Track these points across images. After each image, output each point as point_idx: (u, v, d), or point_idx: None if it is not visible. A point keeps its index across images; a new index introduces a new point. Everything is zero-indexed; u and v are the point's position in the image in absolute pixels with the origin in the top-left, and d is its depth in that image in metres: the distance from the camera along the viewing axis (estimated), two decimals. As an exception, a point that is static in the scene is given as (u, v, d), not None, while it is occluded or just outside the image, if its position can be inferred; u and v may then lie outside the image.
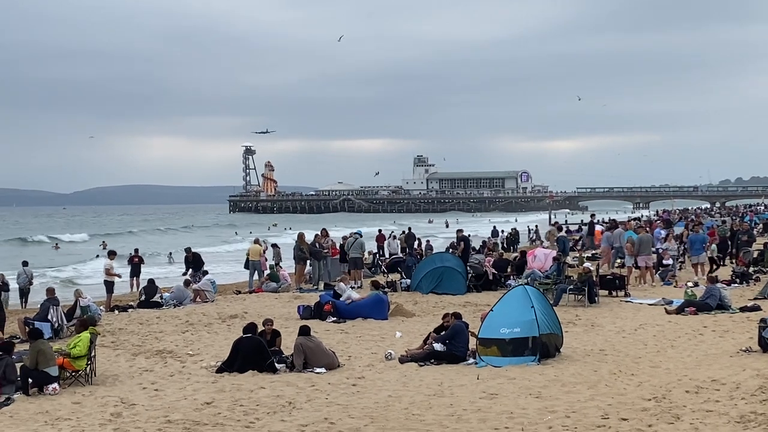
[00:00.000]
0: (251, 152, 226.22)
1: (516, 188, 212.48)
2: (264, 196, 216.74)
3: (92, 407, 12.38)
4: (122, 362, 16.09)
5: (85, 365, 14.31)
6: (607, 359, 15.26)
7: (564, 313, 19.72)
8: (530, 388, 12.84)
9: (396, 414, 11.55)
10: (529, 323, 14.96)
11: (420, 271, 27.43)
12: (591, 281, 23.18)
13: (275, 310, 22.65)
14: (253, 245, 32.33)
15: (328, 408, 11.99)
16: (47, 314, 19.55)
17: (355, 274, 29.25)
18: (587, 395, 12.34)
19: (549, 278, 25.18)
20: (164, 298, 25.35)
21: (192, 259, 30.63)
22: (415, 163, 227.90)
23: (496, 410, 11.54)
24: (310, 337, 15.30)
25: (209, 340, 18.40)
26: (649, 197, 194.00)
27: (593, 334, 18.22)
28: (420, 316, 21.65)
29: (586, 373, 13.95)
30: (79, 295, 21.63)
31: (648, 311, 21.55)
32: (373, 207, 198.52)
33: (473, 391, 12.77)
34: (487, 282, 27.44)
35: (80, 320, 16.56)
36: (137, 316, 22.78)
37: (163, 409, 12.16)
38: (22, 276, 28.99)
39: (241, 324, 18.83)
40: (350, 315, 21.13)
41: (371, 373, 14.56)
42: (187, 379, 14.29)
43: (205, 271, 29.56)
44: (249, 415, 11.69)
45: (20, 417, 11.94)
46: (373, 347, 17.13)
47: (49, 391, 13.38)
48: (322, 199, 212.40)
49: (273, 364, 14.74)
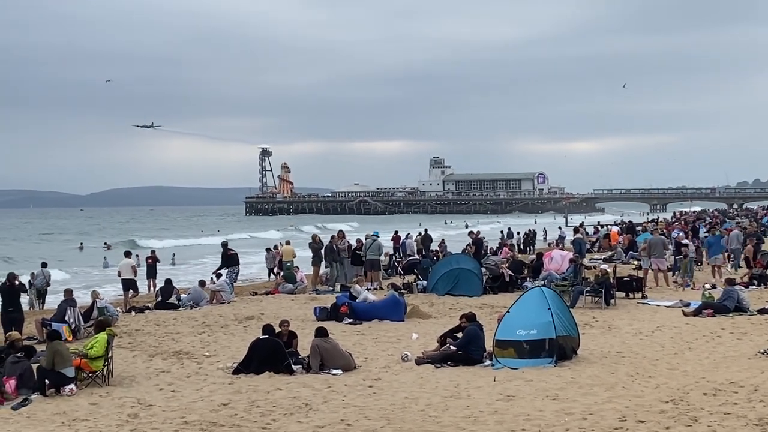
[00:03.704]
0: (268, 154, 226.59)
1: (532, 190, 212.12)
2: (280, 198, 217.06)
3: (109, 408, 12.43)
4: (139, 363, 16.14)
5: (102, 366, 14.37)
6: (624, 361, 15.18)
7: (581, 315, 19.65)
8: (547, 390, 12.79)
9: (412, 415, 11.53)
10: (545, 325, 14.90)
11: (436, 273, 27.40)
12: (608, 283, 23.10)
13: (291, 311, 22.66)
14: (286, 246, 32.42)
15: (344, 409, 11.99)
16: (64, 315, 19.65)
17: (373, 275, 29.24)
18: (604, 397, 12.29)
19: (566, 280, 25.11)
20: (181, 299, 25.43)
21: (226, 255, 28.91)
22: (432, 164, 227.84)
23: (513, 412, 11.50)
24: (327, 339, 15.29)
25: (226, 342, 18.43)
26: (666, 199, 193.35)
27: (610, 336, 18.15)
28: (436, 317, 21.62)
29: (604, 375, 13.89)
30: (96, 296, 21.73)
31: (665, 313, 21.46)
32: (389, 208, 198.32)
33: (490, 393, 12.74)
34: (504, 284, 27.39)
35: (97, 321, 16.63)
36: (154, 317, 22.85)
37: (179, 410, 12.19)
38: (39, 277, 29.12)
39: (258, 325, 18.91)
40: (366, 316, 21.11)
41: (388, 374, 14.55)
42: (204, 380, 14.32)
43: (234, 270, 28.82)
44: (265, 417, 11.70)
45: (37, 418, 12.00)
46: (389, 349, 17.12)
47: (66, 392, 13.44)
48: (338, 201, 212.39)
49: (290, 366, 14.75)
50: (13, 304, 19.77)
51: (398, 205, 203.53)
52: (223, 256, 28.71)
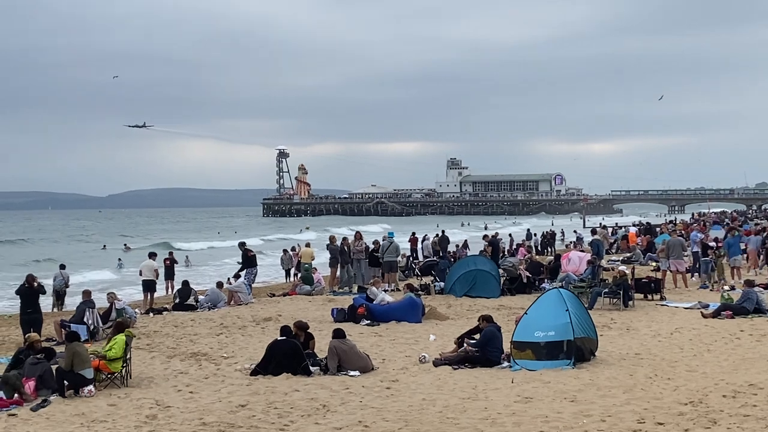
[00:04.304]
0: (285, 155, 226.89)
1: (550, 191, 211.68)
2: (297, 199, 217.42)
3: (128, 409, 12.47)
4: (157, 364, 16.19)
5: (121, 367, 14.42)
6: (642, 363, 15.12)
7: (599, 317, 19.59)
8: (565, 392, 12.75)
9: (430, 417, 11.52)
10: (563, 326, 14.86)
11: (453, 274, 27.37)
12: (626, 285, 23.01)
13: (309, 312, 22.68)
14: (305, 248, 32.50)
15: (362, 411, 11.99)
16: (83, 316, 19.74)
17: (390, 277, 29.22)
18: (623, 399, 12.24)
19: (584, 281, 25.05)
20: (199, 301, 25.50)
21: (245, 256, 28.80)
22: (449, 165, 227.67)
23: (530, 414, 11.48)
24: (344, 340, 15.30)
25: (243, 343, 18.46)
26: (684, 200, 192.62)
27: (628, 337, 18.09)
28: (454, 319, 21.59)
29: (622, 377, 13.84)
30: (114, 298, 21.81)
31: (684, 315, 21.36)
32: (407, 210, 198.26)
33: (508, 395, 12.71)
34: (521, 285, 27.34)
35: (116, 323, 16.69)
36: (172, 318, 22.92)
37: (197, 411, 12.22)
38: (58, 278, 29.35)
39: (275, 327, 18.95)
40: (384, 318, 21.10)
41: (405, 376, 14.54)
42: (222, 382, 14.35)
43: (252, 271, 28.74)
44: (283, 418, 11.72)
45: (56, 419, 12.05)
46: (407, 350, 17.11)
47: (85, 393, 13.49)
48: (355, 202, 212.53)
49: (307, 367, 14.75)
50: (32, 305, 19.84)
51: (415, 207, 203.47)
52: (243, 256, 28.71)
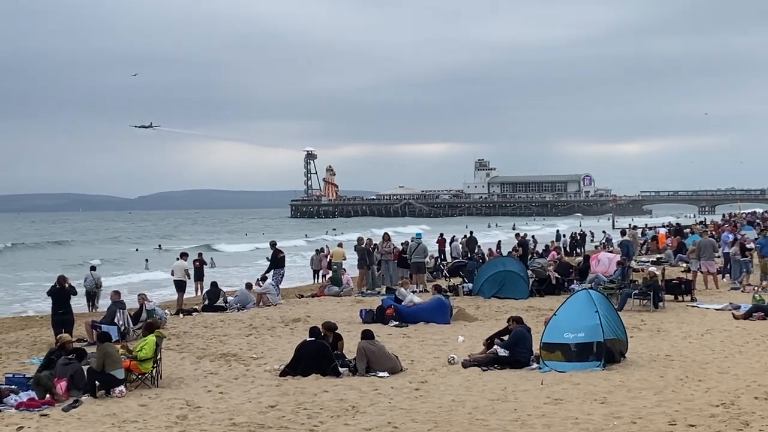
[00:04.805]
0: (313, 157, 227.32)
1: (578, 192, 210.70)
2: (325, 201, 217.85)
3: (158, 410, 12.54)
4: (187, 365, 16.27)
5: (151, 368, 14.51)
6: (673, 365, 15.03)
7: (629, 318, 19.48)
8: (595, 394, 12.70)
9: (460, 419, 11.51)
10: (593, 328, 14.80)
11: (482, 276, 27.32)
12: (656, 286, 22.86)
13: (337, 314, 22.71)
14: (337, 248, 32.59)
15: (391, 412, 11.99)
16: (114, 317, 19.87)
17: (418, 278, 29.20)
18: (654, 401, 12.18)
19: (613, 282, 24.92)
20: (228, 302, 25.60)
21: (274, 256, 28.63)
22: (477, 166, 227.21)
23: (560, 416, 11.44)
24: (373, 341, 15.31)
25: (273, 344, 18.52)
26: (715, 201, 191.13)
27: (659, 339, 17.97)
28: (482, 320, 21.55)
29: (653, 379, 13.76)
30: (144, 299, 21.94)
31: (715, 316, 21.21)
32: (434, 211, 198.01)
33: (537, 397, 12.67)
34: (550, 286, 27.24)
35: (146, 323, 16.79)
36: (201, 319, 23.03)
37: (228, 411, 12.27)
38: (89, 279, 29.63)
39: (304, 328, 19.00)
40: (412, 319, 21.09)
41: (434, 377, 14.53)
42: (252, 383, 14.40)
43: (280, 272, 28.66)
44: (313, 419, 11.74)
45: (88, 419, 12.14)
46: (435, 351, 17.09)
47: (116, 394, 13.58)
48: (383, 203, 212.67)
49: (336, 368, 14.78)
50: (64, 306, 20.01)
51: (443, 208, 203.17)
52: (273, 257, 28.73)
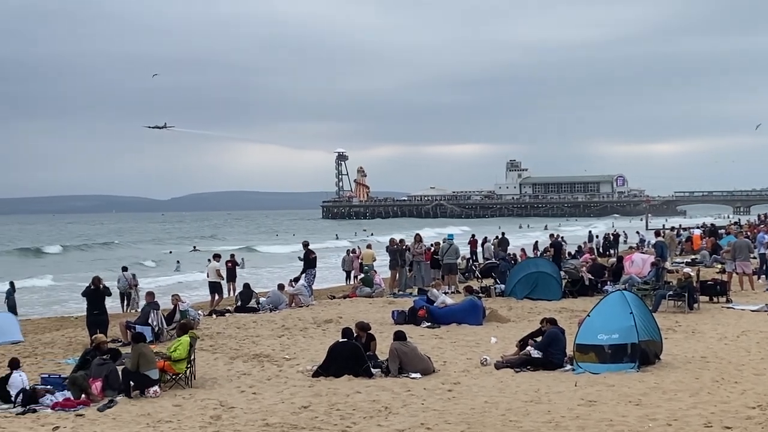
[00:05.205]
0: (344, 158, 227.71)
1: (611, 192, 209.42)
2: (356, 202, 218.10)
3: (192, 410, 12.61)
4: (220, 366, 16.34)
5: (185, 368, 14.59)
6: (709, 366, 14.89)
7: (663, 320, 19.31)
8: (630, 396, 12.61)
9: (493, 420, 11.47)
10: (627, 329, 14.69)
11: (514, 276, 27.22)
12: (691, 287, 22.66)
13: (369, 314, 22.70)
14: (367, 250, 32.65)
15: (424, 413, 11.97)
16: (148, 318, 20.02)
17: (450, 279, 29.16)
18: (689, 403, 12.07)
19: (647, 284, 24.72)
20: (260, 303, 25.70)
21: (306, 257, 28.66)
22: (508, 167, 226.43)
23: (595, 417, 11.36)
24: (406, 342, 15.30)
25: (305, 345, 18.56)
26: (750, 201, 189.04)
27: (694, 340, 17.81)
28: (515, 321, 21.46)
29: (688, 381, 13.64)
30: (178, 300, 22.08)
31: (751, 318, 20.99)
32: (466, 212, 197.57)
33: (571, 398, 12.60)
34: (583, 287, 27.09)
35: (180, 324, 16.89)
36: (234, 320, 23.14)
37: (261, 412, 12.32)
38: (121, 280, 29.88)
39: (336, 328, 19.03)
40: (444, 320, 21.05)
41: (467, 378, 14.50)
42: (284, 383, 14.44)
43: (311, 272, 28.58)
44: (346, 420, 11.75)
45: (123, 419, 12.23)
46: (468, 353, 17.05)
47: (151, 394, 13.67)
48: (414, 205, 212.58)
49: (369, 369, 14.78)
50: (99, 307, 20.19)
51: (474, 209, 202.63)
52: (305, 257, 28.77)
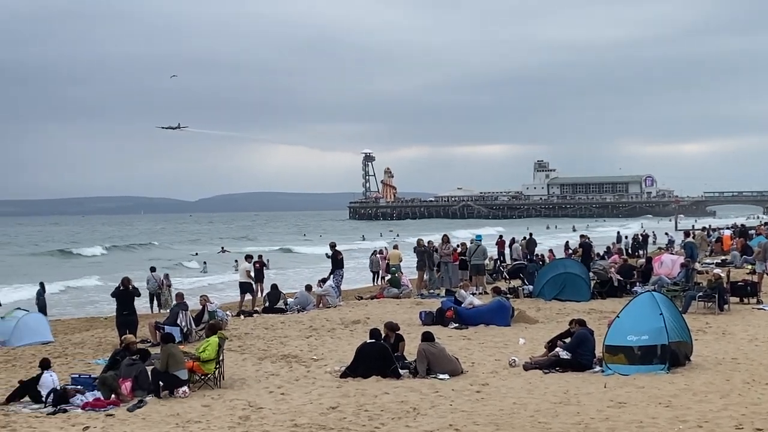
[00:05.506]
0: (371, 159, 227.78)
1: (640, 193, 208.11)
2: (383, 203, 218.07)
3: (221, 410, 12.66)
4: (249, 366, 16.40)
5: (214, 369, 14.65)
6: (739, 368, 14.76)
7: (693, 321, 19.16)
8: (660, 397, 12.53)
9: (522, 421, 11.43)
10: (657, 330, 14.59)
11: (542, 277, 27.12)
12: (721, 288, 22.48)
13: (397, 315, 22.67)
14: (393, 250, 32.68)
15: (452, 414, 11.95)
16: (177, 319, 20.12)
17: (477, 280, 29.10)
18: (720, 405, 11.97)
19: (677, 285, 24.56)
20: (288, 304, 25.76)
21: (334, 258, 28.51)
22: (536, 168, 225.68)
23: (624, 419, 11.29)
24: (434, 343, 15.28)
25: (333, 345, 18.58)
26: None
27: (725, 342, 17.68)
28: (543, 322, 21.38)
29: (718, 382, 13.53)
30: (206, 301, 22.18)
31: (782, 319, 20.80)
32: (493, 213, 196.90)
33: (600, 400, 12.54)
34: (612, 288, 26.94)
35: (209, 325, 16.96)
36: (262, 321, 23.21)
37: (289, 412, 12.34)
38: (151, 281, 30.05)
39: (364, 329, 19.04)
40: (472, 321, 21.02)
41: (495, 379, 14.46)
42: (312, 384, 14.47)
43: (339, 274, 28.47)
44: (374, 420, 11.75)
45: (152, 419, 12.30)
46: (496, 354, 17.01)
47: (180, 394, 13.74)
48: (441, 205, 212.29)
49: (397, 370, 14.78)
50: (128, 307, 20.33)
51: (502, 209, 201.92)
52: (333, 258, 28.79)
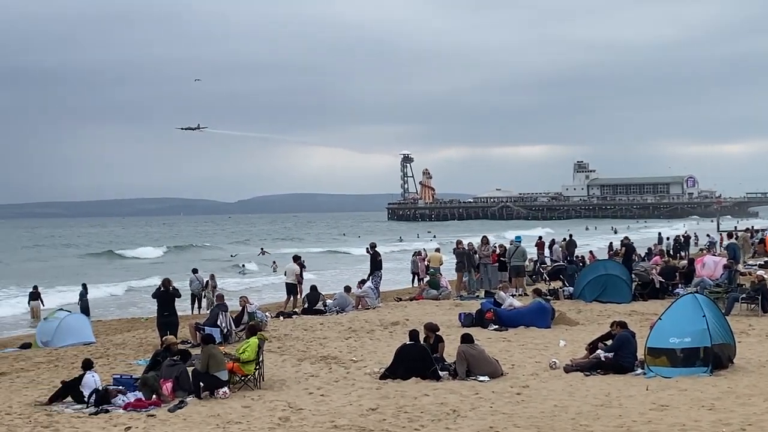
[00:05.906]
0: (409, 160, 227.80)
1: (681, 194, 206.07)
2: (422, 204, 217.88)
3: (261, 411, 12.71)
4: (288, 367, 16.45)
5: (254, 370, 14.71)
6: (784, 371, 14.57)
7: (736, 323, 18.92)
8: (703, 400, 12.39)
9: (563, 424, 11.35)
10: (700, 333, 14.43)
11: (583, 279, 26.95)
12: (765, 290, 22.19)
13: (436, 317, 22.58)
14: (434, 253, 32.66)
15: (492, 416, 11.90)
16: (217, 320, 20.23)
17: (517, 281, 28.98)
18: (764, 408, 11.82)
19: (720, 286, 24.27)
20: (327, 305, 25.81)
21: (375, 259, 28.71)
22: (576, 168, 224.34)
23: (667, 422, 11.18)
24: (473, 345, 15.23)
25: (372, 347, 18.58)
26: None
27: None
28: (584, 324, 21.23)
29: (762, 385, 13.35)
30: (246, 302, 22.29)
31: (828, 321, 20.48)
32: (532, 214, 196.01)
33: (642, 402, 12.42)
34: (654, 290, 26.69)
35: (249, 326, 17.02)
36: (301, 322, 23.27)
37: (329, 414, 12.36)
38: (194, 283, 30.29)
39: (403, 331, 19.02)
40: (512, 323, 20.92)
41: (536, 382, 14.37)
42: (352, 385, 14.48)
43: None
44: (414, 422, 11.73)
45: (193, 420, 12.37)
46: (536, 356, 16.92)
47: (220, 395, 13.81)
48: (479, 206, 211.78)
49: (436, 372, 14.75)
50: (169, 308, 20.50)
51: (541, 211, 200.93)
52: (372, 259, 28.82)
